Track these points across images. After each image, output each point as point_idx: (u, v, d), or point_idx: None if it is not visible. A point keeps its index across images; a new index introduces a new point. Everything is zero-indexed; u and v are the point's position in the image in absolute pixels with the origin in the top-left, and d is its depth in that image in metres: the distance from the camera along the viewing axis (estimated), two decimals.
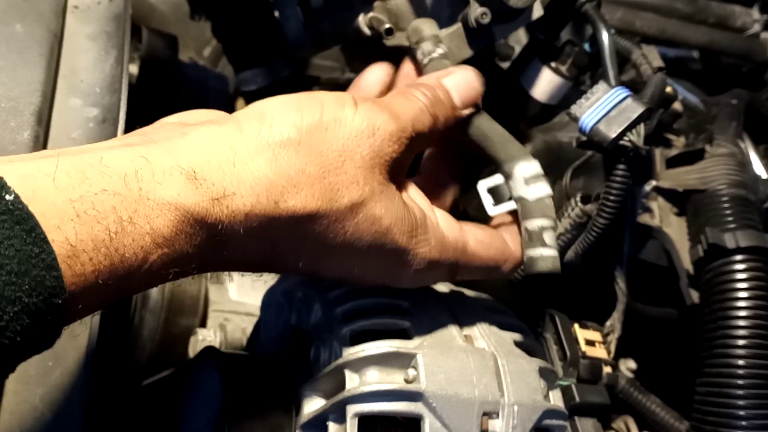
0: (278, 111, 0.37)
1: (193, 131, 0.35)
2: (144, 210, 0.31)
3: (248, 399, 0.43)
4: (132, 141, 0.34)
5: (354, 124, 0.38)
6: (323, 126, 0.37)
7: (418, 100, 0.43)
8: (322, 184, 0.36)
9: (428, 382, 0.41)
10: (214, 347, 0.49)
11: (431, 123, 0.43)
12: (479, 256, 0.44)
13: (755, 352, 0.52)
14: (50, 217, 0.28)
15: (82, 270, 0.28)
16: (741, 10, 0.81)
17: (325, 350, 0.45)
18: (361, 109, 0.39)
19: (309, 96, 0.39)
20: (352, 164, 0.38)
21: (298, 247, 0.38)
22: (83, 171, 0.30)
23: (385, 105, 0.41)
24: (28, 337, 0.27)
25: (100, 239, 0.29)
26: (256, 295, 0.74)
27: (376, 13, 0.55)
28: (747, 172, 0.60)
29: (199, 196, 0.32)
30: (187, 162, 0.33)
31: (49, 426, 0.46)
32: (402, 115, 0.41)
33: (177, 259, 0.33)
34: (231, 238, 0.34)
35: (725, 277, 0.54)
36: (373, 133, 0.39)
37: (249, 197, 0.34)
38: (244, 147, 0.35)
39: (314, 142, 0.37)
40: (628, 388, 0.59)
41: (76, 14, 0.54)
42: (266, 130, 0.36)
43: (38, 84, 0.48)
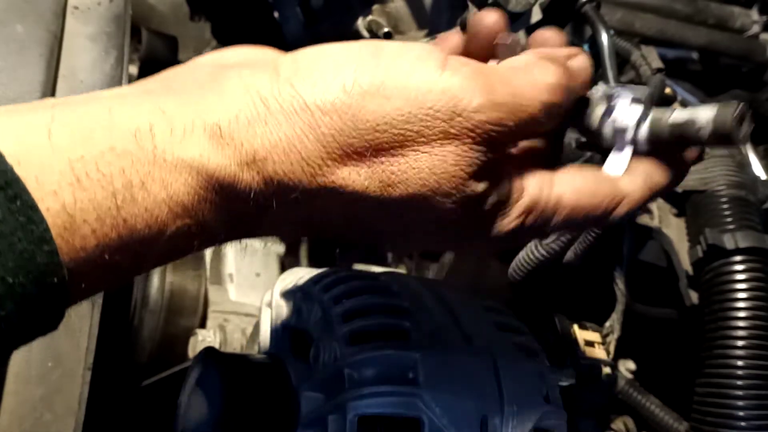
0: (329, 65, 0.29)
1: (222, 77, 0.29)
2: (159, 173, 0.26)
3: (248, 399, 0.43)
4: (150, 87, 0.29)
5: (429, 98, 0.29)
6: (385, 92, 0.28)
7: (545, 89, 0.31)
8: (372, 164, 0.29)
9: (427, 383, 0.41)
10: (213, 348, 0.49)
11: (546, 122, 0.32)
12: (581, 206, 0.34)
13: (754, 352, 0.52)
14: (45, 182, 0.23)
15: (83, 243, 0.24)
16: (740, 11, 0.81)
17: (324, 350, 0.45)
18: (447, 76, 0.29)
19: (376, 48, 0.30)
20: (416, 148, 0.29)
21: (342, 225, 0.32)
22: (87, 126, 0.25)
23: (489, 79, 0.30)
24: (15, 323, 0.23)
25: (105, 207, 0.24)
26: (255, 296, 0.75)
27: (375, 17, 0.55)
28: (746, 173, 0.60)
29: (226, 158, 0.27)
30: (211, 116, 0.27)
31: (49, 426, 0.46)
32: (510, 102, 0.30)
33: (200, 230, 0.28)
34: (263, 208, 0.29)
35: (724, 278, 0.54)
36: (452, 115, 0.29)
37: (282, 164, 0.28)
38: (278, 103, 0.28)
39: (368, 112, 0.28)
40: (627, 388, 0.59)
41: (76, 15, 0.54)
42: (307, 88, 0.28)
43: (38, 84, 0.49)
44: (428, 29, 0.56)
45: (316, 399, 0.43)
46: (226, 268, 0.76)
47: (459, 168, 0.30)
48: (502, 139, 0.30)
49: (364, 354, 0.42)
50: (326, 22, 0.58)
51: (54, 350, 0.47)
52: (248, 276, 0.76)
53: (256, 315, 0.69)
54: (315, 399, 0.43)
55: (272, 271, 0.77)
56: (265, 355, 0.50)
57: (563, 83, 0.32)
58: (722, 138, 0.33)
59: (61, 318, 0.25)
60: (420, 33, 0.56)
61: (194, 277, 0.72)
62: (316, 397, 0.43)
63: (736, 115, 0.33)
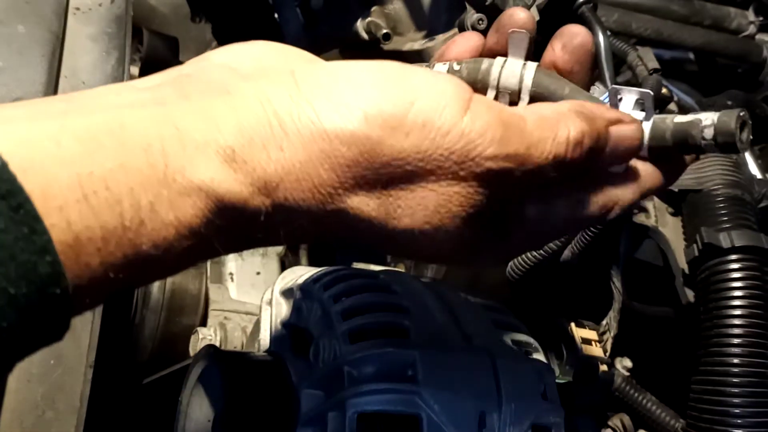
0: (352, 88, 0.28)
1: (239, 91, 0.28)
2: (168, 194, 0.25)
3: (248, 397, 0.44)
4: (164, 94, 0.27)
5: (446, 140, 0.29)
6: (404, 129, 0.28)
7: (563, 145, 0.31)
8: (381, 197, 0.29)
9: (426, 381, 0.41)
10: (214, 346, 0.50)
11: (557, 174, 0.31)
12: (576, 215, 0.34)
13: (750, 350, 0.52)
14: (51, 196, 0.23)
15: (87, 261, 0.24)
16: (736, 12, 0.82)
17: (324, 348, 0.45)
18: (469, 120, 0.29)
19: (400, 78, 0.29)
20: (425, 185, 0.29)
21: (345, 240, 0.32)
22: (97, 137, 0.24)
23: (510, 130, 0.30)
24: (18, 333, 0.22)
25: (111, 227, 0.24)
26: (256, 295, 0.75)
27: (374, 18, 0.55)
28: (742, 172, 0.60)
29: (237, 183, 0.26)
30: (224, 136, 0.26)
31: (51, 424, 0.47)
32: (522, 154, 0.30)
33: (205, 249, 0.27)
34: (270, 229, 0.29)
35: (720, 277, 0.54)
36: (464, 159, 0.29)
37: (293, 192, 0.28)
38: (296, 127, 0.27)
39: (386, 146, 0.28)
40: (624, 386, 0.59)
41: (77, 16, 0.54)
42: (329, 112, 0.28)
43: (40, 85, 0.49)
44: (426, 31, 0.56)
45: (315, 396, 0.44)
46: (226, 267, 0.77)
47: (462, 209, 0.30)
48: (507, 184, 0.31)
49: (363, 352, 0.42)
50: (326, 23, 0.58)
51: (55, 349, 0.48)
52: (248, 275, 0.76)
53: (256, 313, 0.69)
54: (315, 396, 0.44)
55: (272, 269, 0.77)
56: (265, 353, 0.51)
57: (586, 143, 0.31)
58: (725, 145, 0.33)
59: (65, 329, 0.25)
60: (418, 34, 0.57)
61: (195, 276, 0.72)
62: (316, 395, 0.44)
63: (739, 121, 0.33)
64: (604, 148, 0.33)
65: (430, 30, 0.57)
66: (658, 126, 0.35)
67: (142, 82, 0.29)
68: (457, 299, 0.51)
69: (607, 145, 0.33)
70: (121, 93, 0.27)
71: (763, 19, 0.82)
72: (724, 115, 0.33)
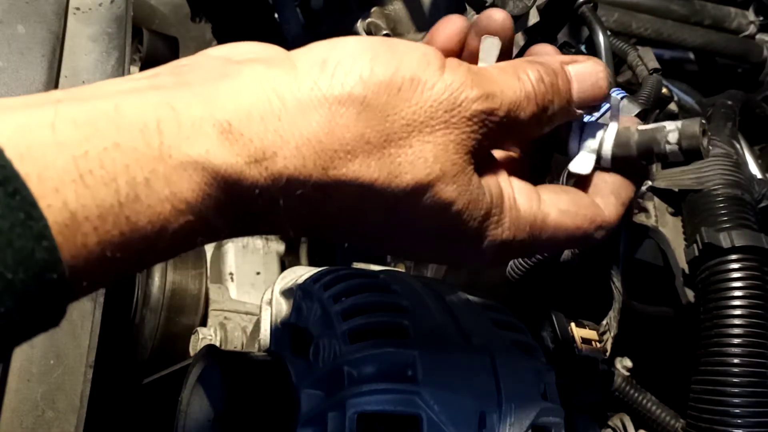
0: (345, 58, 0.30)
1: (235, 72, 0.29)
2: (164, 170, 0.25)
3: (248, 397, 0.44)
4: (161, 81, 0.28)
5: (433, 92, 0.31)
6: (396, 85, 0.30)
7: (528, 82, 0.34)
8: (382, 155, 0.30)
9: (426, 381, 0.41)
10: (214, 346, 0.50)
11: (534, 115, 0.34)
12: (564, 227, 0.36)
13: (750, 350, 0.52)
14: (47, 178, 0.23)
15: (84, 240, 0.24)
16: (736, 12, 0.82)
17: (324, 348, 0.45)
18: (448, 74, 0.32)
19: (386, 45, 0.32)
20: (421, 138, 0.31)
21: (349, 223, 0.33)
22: (93, 121, 0.25)
23: (480, 77, 0.33)
24: (15, 319, 0.22)
25: (107, 205, 0.24)
26: (256, 294, 0.75)
27: (374, 18, 0.55)
28: (742, 172, 0.60)
29: (233, 155, 0.27)
30: (222, 112, 0.27)
31: (51, 424, 0.47)
32: (499, 95, 0.33)
33: (203, 226, 0.28)
34: (269, 205, 0.29)
35: (720, 277, 0.54)
36: (453, 107, 0.31)
37: (293, 159, 0.28)
38: (295, 98, 0.29)
39: (381, 103, 0.30)
40: (624, 386, 0.59)
41: (77, 16, 0.54)
42: (325, 80, 0.29)
43: (40, 85, 0.49)
44: (426, 31, 0.56)
45: (315, 396, 0.44)
46: (226, 266, 0.77)
47: (459, 156, 0.32)
48: (495, 128, 0.33)
49: (363, 352, 0.42)
50: (326, 23, 0.58)
51: (56, 348, 0.48)
52: (249, 274, 0.76)
53: (256, 313, 0.70)
54: (315, 396, 0.44)
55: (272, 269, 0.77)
56: (265, 353, 0.51)
57: (546, 79, 0.35)
58: (689, 150, 0.34)
59: (62, 314, 0.25)
60: (418, 35, 0.57)
61: (195, 276, 0.72)
62: (316, 395, 0.44)
63: (702, 127, 0.34)
64: (569, 86, 0.36)
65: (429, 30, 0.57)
66: (622, 134, 0.36)
67: (140, 74, 0.30)
68: (457, 299, 0.51)
69: (571, 84, 0.36)
70: (119, 82, 0.28)
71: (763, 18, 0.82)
72: (687, 122, 0.34)
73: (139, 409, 0.60)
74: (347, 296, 0.46)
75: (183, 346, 0.67)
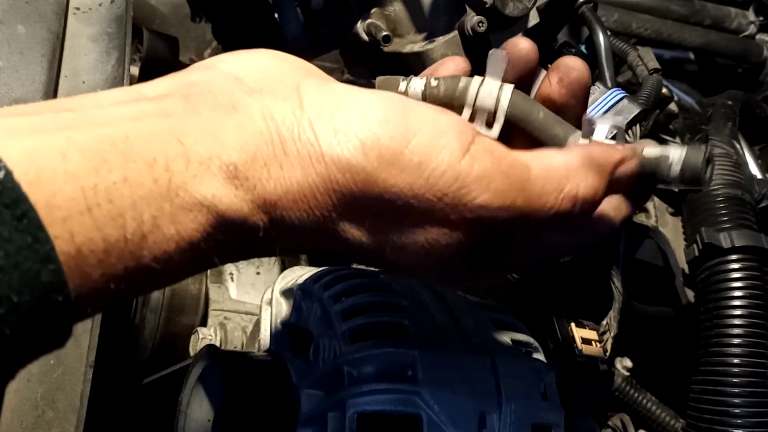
0: (354, 117, 0.28)
1: (245, 107, 0.28)
2: (170, 208, 0.25)
3: (248, 397, 0.44)
4: (170, 107, 0.27)
5: (440, 182, 0.28)
6: (401, 163, 0.28)
7: (568, 203, 0.30)
8: (372, 228, 0.30)
9: (426, 381, 0.41)
10: (214, 346, 0.50)
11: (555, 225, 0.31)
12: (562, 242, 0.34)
13: (750, 350, 0.52)
14: (55, 207, 0.23)
15: (89, 273, 0.24)
16: (736, 12, 0.82)
17: (324, 348, 0.45)
18: (466, 164, 0.28)
19: (404, 112, 0.29)
20: (417, 225, 0.29)
21: (346, 257, 0.33)
22: (102, 152, 0.24)
23: (511, 177, 0.29)
24: (21, 340, 0.23)
25: (113, 240, 0.24)
26: (256, 294, 0.75)
27: (374, 20, 0.55)
28: (742, 172, 0.60)
29: (238, 200, 0.27)
30: (228, 152, 0.27)
31: (51, 424, 0.47)
32: (521, 205, 0.29)
33: (203, 260, 0.28)
34: (268, 244, 0.29)
35: (720, 276, 0.54)
36: (456, 202, 0.29)
37: (291, 210, 0.28)
38: (296, 148, 0.28)
39: (380, 178, 0.28)
40: (624, 386, 0.59)
41: (77, 16, 0.54)
42: (327, 137, 0.28)
43: (40, 85, 0.49)
44: (426, 33, 0.56)
45: (315, 396, 0.44)
46: (226, 267, 0.77)
47: (450, 251, 0.30)
48: (500, 230, 0.30)
49: (363, 352, 0.42)
50: (326, 24, 0.58)
51: None
52: (249, 274, 0.76)
53: (256, 313, 0.70)
54: (315, 396, 0.44)
55: (272, 269, 0.77)
56: (265, 353, 0.51)
57: (597, 198, 0.31)
58: (691, 181, 0.33)
59: (68, 335, 0.25)
60: (418, 36, 0.57)
61: (195, 276, 0.72)
62: (316, 395, 0.44)
63: (705, 159, 0.33)
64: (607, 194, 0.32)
65: (430, 32, 0.57)
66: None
67: (149, 88, 0.29)
68: (457, 299, 0.51)
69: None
70: (127, 103, 0.27)
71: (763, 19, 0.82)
72: (691, 150, 0.33)
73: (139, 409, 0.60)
74: (347, 296, 0.46)
75: (183, 346, 0.67)
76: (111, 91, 0.29)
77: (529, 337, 0.51)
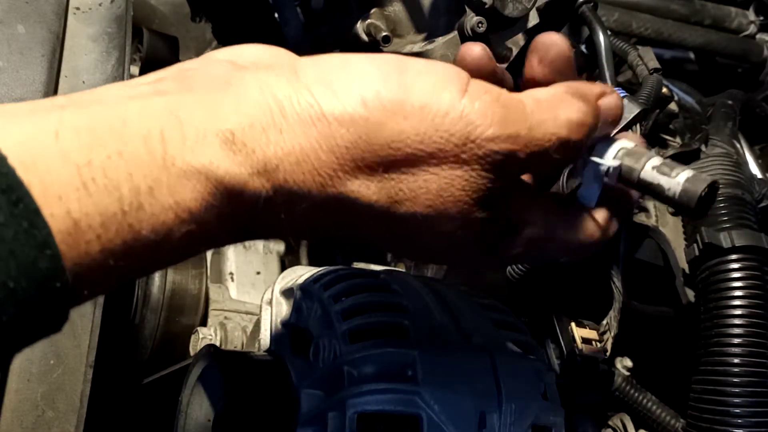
0: (351, 76, 0.29)
1: (239, 80, 0.28)
2: (167, 179, 0.25)
3: (248, 397, 0.44)
4: (165, 87, 0.27)
5: (445, 121, 0.28)
6: (402, 112, 0.28)
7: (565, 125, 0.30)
8: (382, 180, 0.29)
9: (426, 381, 0.41)
10: (214, 345, 0.50)
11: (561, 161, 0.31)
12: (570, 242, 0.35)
13: (750, 350, 0.52)
14: (51, 187, 0.23)
15: (87, 248, 0.24)
16: (737, 12, 0.82)
17: (324, 348, 0.45)
18: (467, 102, 0.29)
19: (399, 66, 0.29)
20: (427, 168, 0.29)
21: (347, 234, 0.32)
22: (96, 129, 0.24)
23: (508, 109, 0.29)
24: (17, 327, 0.22)
25: (110, 213, 0.24)
26: (256, 295, 0.75)
27: (373, 20, 0.55)
28: (742, 171, 0.60)
29: (236, 165, 0.27)
30: (224, 121, 0.27)
31: (51, 424, 0.47)
32: (524, 135, 0.29)
33: (205, 235, 0.27)
34: (271, 215, 0.29)
35: (721, 276, 0.54)
36: (465, 141, 0.29)
37: (293, 173, 0.28)
38: (295, 112, 0.28)
39: (384, 129, 0.28)
40: (624, 386, 0.59)
41: (77, 16, 0.54)
42: (327, 98, 0.28)
43: (40, 84, 0.49)
44: (426, 33, 0.56)
45: (315, 396, 0.44)
46: (226, 266, 0.77)
47: (465, 194, 0.30)
48: (511, 169, 0.30)
49: (363, 351, 0.42)
50: (326, 24, 0.58)
51: (56, 348, 0.48)
52: (249, 274, 0.76)
53: (256, 313, 0.70)
54: (315, 396, 0.44)
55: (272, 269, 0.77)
56: (265, 353, 0.51)
57: (588, 122, 0.31)
58: (683, 209, 0.33)
59: (64, 321, 0.25)
60: (418, 36, 0.57)
61: (195, 276, 0.72)
62: (316, 395, 0.44)
63: (704, 193, 0.32)
64: (597, 124, 0.32)
65: (429, 32, 0.57)
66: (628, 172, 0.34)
67: (144, 78, 0.29)
68: (457, 299, 0.51)
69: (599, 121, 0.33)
70: (123, 87, 0.27)
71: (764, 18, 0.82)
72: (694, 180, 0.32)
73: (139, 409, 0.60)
74: (347, 296, 0.46)
75: (183, 346, 0.67)
76: (107, 85, 0.29)
77: (529, 337, 0.51)
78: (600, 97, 0.33)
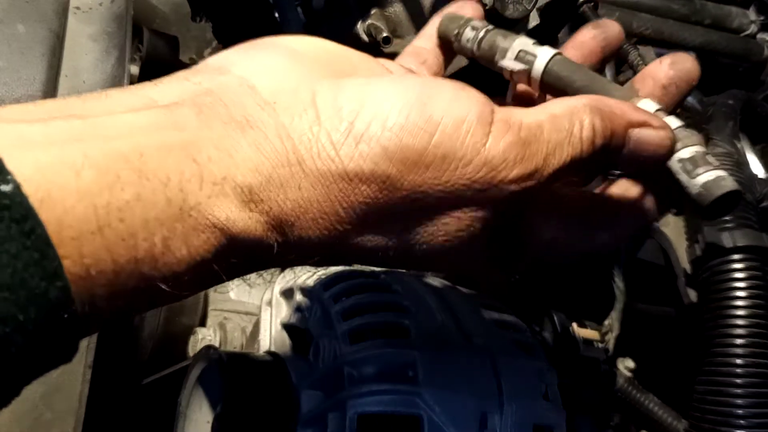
0: (373, 119, 0.27)
1: (259, 123, 0.27)
2: (182, 229, 0.25)
3: (248, 397, 0.44)
4: (183, 119, 0.26)
5: (468, 170, 0.28)
6: (425, 161, 0.28)
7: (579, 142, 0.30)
8: (403, 228, 0.29)
9: (427, 381, 0.41)
10: (213, 346, 0.49)
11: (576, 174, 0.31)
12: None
13: (753, 351, 0.52)
14: (66, 226, 0.22)
15: (97, 293, 0.23)
16: (737, 11, 0.82)
17: (324, 348, 0.45)
18: (491, 146, 0.28)
19: (423, 101, 0.28)
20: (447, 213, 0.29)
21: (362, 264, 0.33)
22: (116, 167, 0.24)
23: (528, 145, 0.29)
24: (26, 358, 0.22)
25: (122, 261, 0.23)
26: (256, 294, 0.75)
27: (374, 21, 0.55)
28: (744, 171, 0.60)
29: (252, 221, 0.26)
30: (242, 173, 0.26)
31: (50, 425, 0.46)
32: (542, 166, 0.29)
33: (215, 277, 0.27)
34: (283, 257, 0.29)
35: (723, 276, 0.54)
36: (488, 186, 0.28)
37: (309, 229, 0.28)
38: (315, 167, 0.27)
39: (405, 180, 0.28)
40: (626, 387, 0.59)
41: (77, 15, 0.54)
42: (349, 151, 0.27)
43: (40, 84, 0.49)
44: None
45: (316, 397, 0.44)
46: None
47: (482, 229, 0.30)
48: (526, 198, 0.30)
49: (363, 352, 0.42)
50: (326, 24, 0.58)
51: None
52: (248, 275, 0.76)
53: (256, 313, 0.69)
54: (315, 397, 0.44)
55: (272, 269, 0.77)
56: (265, 354, 0.50)
57: (597, 142, 0.30)
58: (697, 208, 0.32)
59: (74, 351, 0.24)
60: None
61: None
62: (316, 395, 0.44)
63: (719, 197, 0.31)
64: (620, 149, 0.31)
65: None
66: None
67: (159, 93, 0.28)
68: (458, 299, 0.51)
69: (625, 147, 0.31)
70: (139, 111, 0.26)
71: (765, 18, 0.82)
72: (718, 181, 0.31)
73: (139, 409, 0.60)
74: (347, 296, 0.45)
75: (183, 346, 0.67)
76: (120, 94, 0.28)
77: (530, 337, 0.51)
78: (636, 125, 0.31)
